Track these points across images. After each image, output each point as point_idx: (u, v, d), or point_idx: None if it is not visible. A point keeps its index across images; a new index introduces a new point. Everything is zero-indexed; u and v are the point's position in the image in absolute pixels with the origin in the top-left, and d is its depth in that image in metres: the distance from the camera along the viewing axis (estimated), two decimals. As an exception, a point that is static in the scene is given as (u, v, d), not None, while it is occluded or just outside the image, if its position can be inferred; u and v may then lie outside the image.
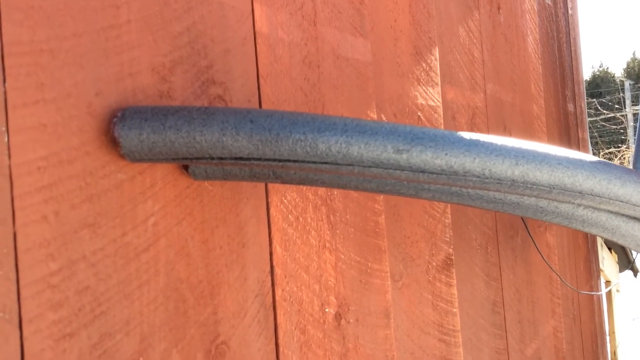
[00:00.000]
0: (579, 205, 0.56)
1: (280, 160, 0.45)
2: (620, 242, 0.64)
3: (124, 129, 0.44)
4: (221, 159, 0.45)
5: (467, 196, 0.53)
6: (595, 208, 0.57)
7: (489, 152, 0.46)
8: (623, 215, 0.60)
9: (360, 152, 0.44)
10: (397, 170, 0.46)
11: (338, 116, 0.46)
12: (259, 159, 0.45)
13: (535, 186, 0.48)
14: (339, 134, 0.44)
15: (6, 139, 0.39)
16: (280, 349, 0.62)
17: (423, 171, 0.46)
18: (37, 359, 0.39)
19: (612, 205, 0.55)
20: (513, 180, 0.47)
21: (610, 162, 0.54)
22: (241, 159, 0.45)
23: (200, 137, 0.44)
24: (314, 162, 0.45)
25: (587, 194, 0.51)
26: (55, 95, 0.42)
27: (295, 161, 0.45)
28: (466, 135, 0.46)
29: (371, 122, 0.46)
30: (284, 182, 0.52)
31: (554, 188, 0.49)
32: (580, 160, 0.50)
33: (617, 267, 3.03)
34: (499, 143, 0.47)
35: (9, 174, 0.39)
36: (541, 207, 0.55)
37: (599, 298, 2.45)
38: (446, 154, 0.45)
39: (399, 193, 0.53)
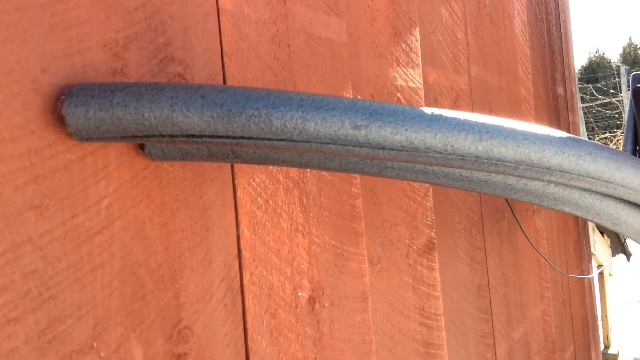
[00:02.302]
0: (549, 182, 0.55)
1: (233, 137, 0.43)
2: (596, 220, 0.63)
3: (70, 106, 0.43)
4: (172, 136, 0.43)
5: (432, 174, 0.52)
6: (567, 185, 0.56)
7: (451, 127, 0.45)
8: (596, 192, 0.58)
9: (317, 128, 0.43)
10: (356, 147, 0.44)
11: (294, 91, 0.44)
12: (212, 137, 0.43)
13: (500, 162, 0.47)
14: (295, 109, 0.43)
15: (-60, 117, 0.37)
16: (249, 334, 0.61)
17: (383, 147, 0.44)
18: (-24, 345, 0.38)
19: (583, 182, 0.53)
20: (477, 156, 0.46)
21: (580, 137, 0.52)
22: (193, 136, 0.43)
23: (149, 113, 0.42)
24: (270, 139, 0.44)
25: (556, 170, 0.49)
26: (-4, 72, 0.41)
27: (249, 138, 0.43)
28: (427, 110, 0.45)
29: (329, 97, 0.44)
30: (244, 161, 0.51)
31: (520, 164, 0.47)
32: (548, 136, 0.48)
33: (609, 251, 3.03)
34: (462, 118, 0.45)
35: (-56, 153, 0.37)
36: (510, 185, 0.54)
37: (590, 282, 2.45)
38: (406, 130, 0.43)
39: (362, 172, 0.52)
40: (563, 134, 0.50)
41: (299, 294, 0.70)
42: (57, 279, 0.43)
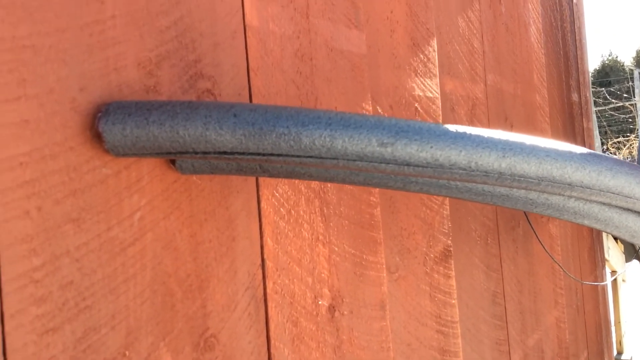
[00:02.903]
0: (570, 197, 0.56)
1: (264, 155, 0.45)
2: (614, 233, 0.63)
3: (108, 123, 0.44)
4: (205, 153, 0.45)
5: (456, 189, 0.53)
6: (587, 200, 0.57)
7: (475, 144, 0.46)
8: (616, 206, 0.59)
9: (344, 145, 0.44)
10: (382, 163, 0.45)
11: (323, 110, 0.46)
12: (243, 153, 0.45)
13: (523, 178, 0.48)
14: (323, 127, 0.44)
15: (-13, 135, 0.39)
16: (272, 342, 0.63)
17: (408, 164, 0.45)
18: (19, 354, 0.39)
19: (603, 197, 0.54)
20: (500, 172, 0.47)
21: (600, 153, 0.53)
22: (225, 153, 0.45)
23: (183, 131, 0.44)
24: (299, 156, 0.45)
25: (577, 186, 0.50)
26: (38, 91, 0.42)
27: (279, 155, 0.45)
28: (452, 127, 0.46)
29: (356, 115, 0.45)
30: (271, 175, 0.52)
31: (542, 180, 0.48)
32: (569, 152, 0.49)
33: (623, 257, 3.02)
34: (486, 135, 0.46)
35: (-10, 170, 0.39)
36: (531, 199, 0.55)
37: (604, 288, 2.44)
38: (431, 147, 0.45)
39: (386, 186, 0.53)
40: (584, 150, 0.51)
41: (320, 302, 0.71)
42: (93, 289, 0.45)
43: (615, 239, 2.92)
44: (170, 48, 0.53)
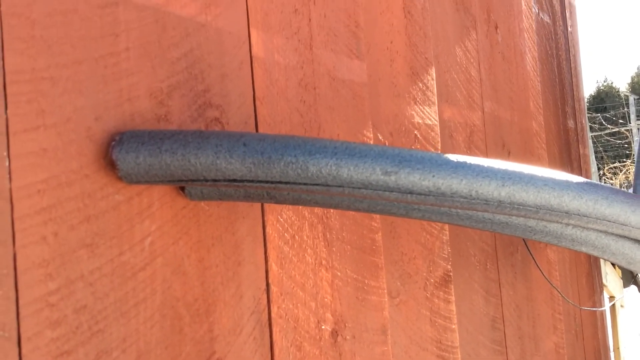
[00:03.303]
0: (568, 224, 0.58)
1: (272, 182, 0.46)
2: (611, 260, 0.65)
3: (122, 152, 0.46)
4: (215, 180, 0.46)
5: (457, 216, 0.55)
6: (584, 227, 0.58)
7: (476, 173, 0.47)
8: (612, 234, 0.61)
9: (349, 174, 0.46)
10: (386, 191, 0.47)
11: (329, 139, 0.48)
12: (252, 181, 0.46)
13: (522, 207, 0.50)
14: (329, 156, 0.46)
15: (7, 164, 0.41)
16: (276, 366, 0.63)
17: (411, 192, 0.47)
18: (35, 376, 0.40)
19: (600, 225, 0.56)
20: (500, 201, 0.49)
21: (597, 182, 0.55)
22: (235, 180, 0.46)
23: (195, 160, 0.46)
24: (305, 184, 0.47)
25: (574, 214, 0.52)
26: (56, 121, 0.44)
27: (287, 183, 0.47)
28: (453, 157, 0.48)
29: (361, 145, 0.47)
30: (277, 202, 0.54)
31: (540, 208, 0.50)
32: (567, 181, 0.51)
33: (621, 282, 3.02)
34: (486, 165, 0.48)
35: (9, 197, 0.41)
36: (530, 227, 0.56)
37: (602, 314, 2.44)
38: (433, 176, 0.46)
39: (390, 213, 0.55)
40: (581, 179, 0.53)
41: (323, 327, 0.72)
42: (105, 313, 0.46)
43: (613, 264, 2.93)
44: (180, 79, 0.55)
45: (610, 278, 2.83)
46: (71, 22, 0.46)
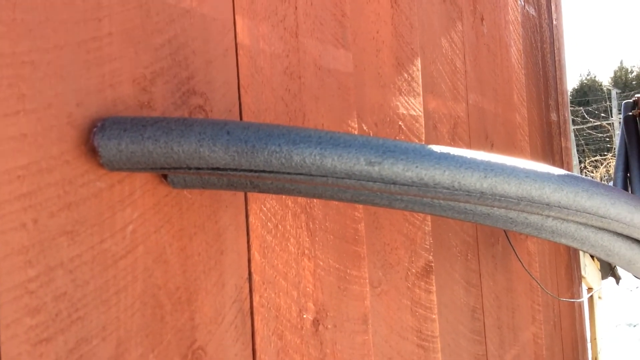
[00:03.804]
0: (548, 216, 0.58)
1: (256, 171, 0.46)
2: (590, 252, 0.66)
3: (104, 139, 0.46)
4: (198, 169, 0.46)
5: (439, 207, 0.55)
6: (564, 219, 0.59)
7: (459, 165, 0.48)
8: (592, 226, 0.62)
9: (333, 164, 0.46)
10: (370, 181, 0.47)
11: (313, 129, 0.47)
12: (235, 170, 0.46)
13: (503, 198, 0.50)
14: (313, 146, 0.46)
15: (-14, 149, 0.40)
16: (257, 354, 0.64)
17: (395, 183, 0.47)
18: (13, 364, 0.40)
19: (579, 217, 0.56)
20: (482, 192, 0.49)
21: (578, 175, 0.56)
22: (218, 169, 0.46)
23: (177, 147, 0.45)
24: (289, 173, 0.46)
25: (555, 206, 0.53)
26: (36, 106, 0.43)
27: (270, 172, 0.46)
28: (437, 148, 0.48)
29: (345, 135, 0.47)
30: (261, 191, 0.54)
31: (521, 200, 0.51)
32: (548, 174, 0.52)
33: (599, 274, 3.07)
34: (468, 156, 0.48)
35: (-12, 183, 0.40)
36: (511, 218, 0.57)
37: (580, 305, 2.48)
38: (417, 167, 0.47)
39: (373, 203, 0.55)
40: (562, 171, 0.54)
41: (304, 316, 0.72)
42: (85, 300, 0.46)
43: (592, 256, 2.97)
44: (164, 65, 0.54)
45: (589, 270, 2.87)
46: (53, 5, 0.45)
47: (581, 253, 2.60)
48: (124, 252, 0.49)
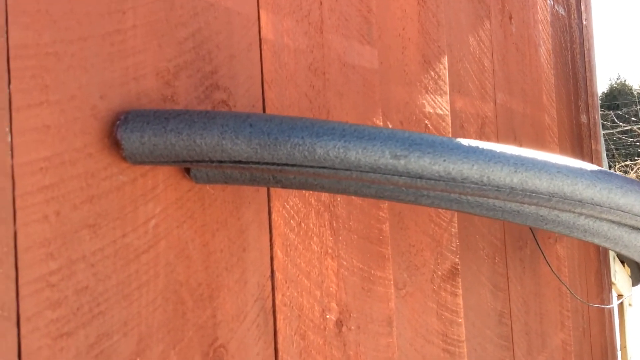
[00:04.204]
0: (580, 214, 0.56)
1: (278, 164, 0.45)
2: (624, 252, 0.63)
3: (126, 131, 0.45)
4: (221, 162, 0.45)
5: (467, 203, 0.54)
6: (597, 217, 0.57)
7: (488, 159, 0.46)
8: (625, 225, 0.59)
9: (357, 157, 0.45)
10: (395, 175, 0.46)
11: (337, 121, 0.46)
12: (258, 163, 0.45)
13: (534, 194, 0.48)
14: (337, 138, 0.45)
15: (9, 139, 0.40)
16: (279, 354, 0.63)
17: (421, 177, 0.46)
18: (34, 357, 0.40)
19: (613, 215, 0.54)
20: (512, 187, 0.47)
21: (612, 171, 0.54)
22: (240, 162, 0.45)
23: (200, 140, 0.45)
24: (312, 167, 0.46)
25: (588, 203, 0.51)
26: (60, 98, 0.43)
27: (293, 165, 0.45)
28: (465, 142, 0.47)
29: (370, 128, 0.46)
30: (283, 186, 0.53)
31: (553, 196, 0.49)
32: (581, 169, 0.50)
33: (629, 281, 2.99)
34: (498, 150, 0.47)
35: (11, 174, 0.40)
36: (542, 216, 0.55)
37: (610, 312, 2.42)
38: (444, 160, 0.45)
39: (398, 199, 0.54)
40: (595, 167, 0.52)
41: (327, 316, 0.71)
42: (107, 295, 0.45)
43: (622, 262, 2.90)
44: (187, 59, 0.54)
45: (619, 276, 2.81)
46: (76, -3, 0.45)
47: (611, 259, 2.54)
48: (146, 247, 0.49)
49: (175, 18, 0.53)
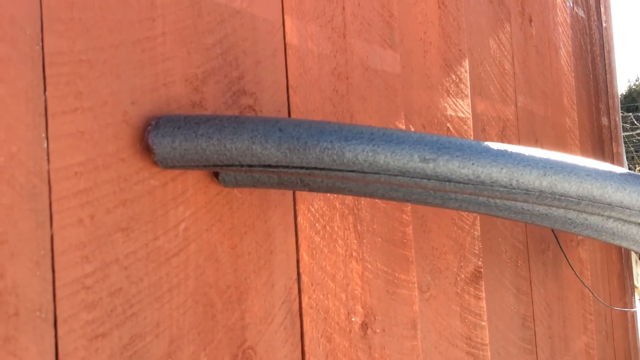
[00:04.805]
0: (609, 217, 0.56)
1: (307, 168, 0.46)
2: (652, 255, 0.63)
3: (158, 136, 0.46)
4: (250, 166, 0.46)
5: (495, 206, 0.53)
6: (626, 220, 0.57)
7: (517, 162, 0.46)
8: (655, 228, 0.59)
9: (386, 160, 0.45)
10: (424, 179, 0.46)
11: (366, 125, 0.47)
12: (287, 167, 0.46)
13: (563, 197, 0.48)
14: (366, 142, 0.45)
15: (45, 145, 0.41)
16: (307, 356, 0.63)
17: (450, 180, 0.46)
18: (70, 358, 0.41)
19: (642, 218, 0.54)
20: (541, 191, 0.47)
21: (640, 174, 0.53)
22: (270, 166, 0.46)
23: (230, 144, 0.45)
24: (341, 170, 0.46)
25: (617, 206, 0.50)
26: (93, 104, 0.44)
27: (322, 169, 0.46)
28: (493, 145, 0.47)
29: (398, 131, 0.46)
30: (311, 190, 0.53)
31: (582, 199, 0.49)
32: (610, 172, 0.50)
33: (653, 285, 2.95)
34: (527, 153, 0.47)
35: (47, 179, 0.41)
36: (570, 219, 0.55)
37: (633, 315, 2.39)
38: (473, 164, 0.45)
39: (425, 202, 0.54)
40: (624, 170, 0.51)
41: (353, 319, 0.71)
42: (140, 297, 0.46)
43: (645, 265, 2.86)
44: (215, 65, 0.54)
45: (642, 279, 2.77)
46: (109, 5, 0.46)
47: (634, 262, 2.51)
48: (177, 250, 0.49)
49: (202, 25, 0.54)
